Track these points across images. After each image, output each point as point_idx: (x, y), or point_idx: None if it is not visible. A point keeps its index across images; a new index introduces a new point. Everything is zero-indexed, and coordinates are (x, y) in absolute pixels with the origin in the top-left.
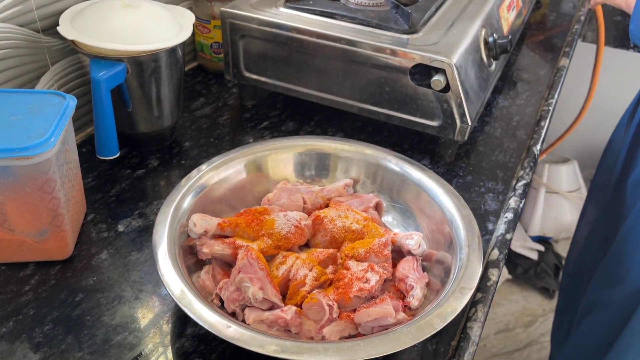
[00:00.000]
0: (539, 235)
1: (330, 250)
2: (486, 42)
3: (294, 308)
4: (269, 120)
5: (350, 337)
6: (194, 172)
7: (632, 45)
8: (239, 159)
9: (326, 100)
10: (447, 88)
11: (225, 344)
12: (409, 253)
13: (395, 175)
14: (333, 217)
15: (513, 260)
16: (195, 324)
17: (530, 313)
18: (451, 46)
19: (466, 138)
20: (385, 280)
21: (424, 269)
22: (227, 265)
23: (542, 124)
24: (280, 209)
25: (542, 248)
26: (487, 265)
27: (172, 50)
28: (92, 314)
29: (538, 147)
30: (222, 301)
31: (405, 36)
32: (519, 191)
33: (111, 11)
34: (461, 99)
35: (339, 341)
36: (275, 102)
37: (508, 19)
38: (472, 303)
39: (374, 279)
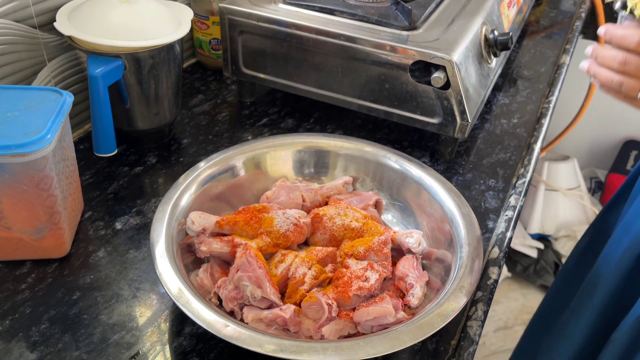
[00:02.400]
0: (539, 233)
1: (330, 249)
2: (486, 39)
3: (292, 307)
4: (267, 117)
5: (349, 336)
6: (192, 169)
7: None
8: (238, 156)
9: (325, 97)
10: (447, 85)
11: (223, 343)
12: (409, 251)
13: (395, 173)
14: (332, 215)
15: (512, 257)
16: (194, 323)
17: (529, 311)
18: (451, 43)
19: (466, 135)
20: (384, 279)
21: (424, 268)
22: (226, 263)
23: (543, 121)
24: (279, 207)
25: (541, 246)
26: (488, 264)
27: (170, 47)
28: (90, 313)
29: (538, 144)
30: (220, 300)
31: (405, 33)
32: (520, 189)
33: (109, 7)
34: (461, 96)
35: (338, 340)
36: (275, 99)
37: (509, 15)
38: (472, 302)
39: (373, 278)
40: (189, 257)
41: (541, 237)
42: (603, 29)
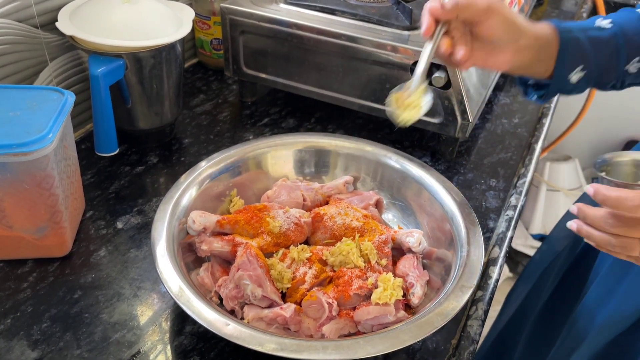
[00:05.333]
0: (540, 233)
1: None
2: None
3: (293, 306)
4: (269, 117)
5: (349, 335)
6: (193, 168)
7: None
8: (239, 155)
9: (327, 97)
10: (448, 85)
11: (224, 342)
12: (410, 251)
13: (395, 173)
14: (333, 214)
15: (514, 258)
16: (194, 322)
17: None
18: None
19: (467, 135)
20: None
21: (425, 267)
22: (226, 262)
23: (544, 121)
24: (280, 206)
25: None
26: (488, 263)
27: (171, 47)
28: (91, 312)
29: (539, 144)
30: (221, 299)
31: (406, 32)
32: (520, 189)
33: (110, 7)
34: (462, 96)
35: (339, 339)
36: (276, 98)
37: None
38: (473, 301)
39: (373, 277)
40: (190, 256)
41: (543, 238)
42: (592, 189)
